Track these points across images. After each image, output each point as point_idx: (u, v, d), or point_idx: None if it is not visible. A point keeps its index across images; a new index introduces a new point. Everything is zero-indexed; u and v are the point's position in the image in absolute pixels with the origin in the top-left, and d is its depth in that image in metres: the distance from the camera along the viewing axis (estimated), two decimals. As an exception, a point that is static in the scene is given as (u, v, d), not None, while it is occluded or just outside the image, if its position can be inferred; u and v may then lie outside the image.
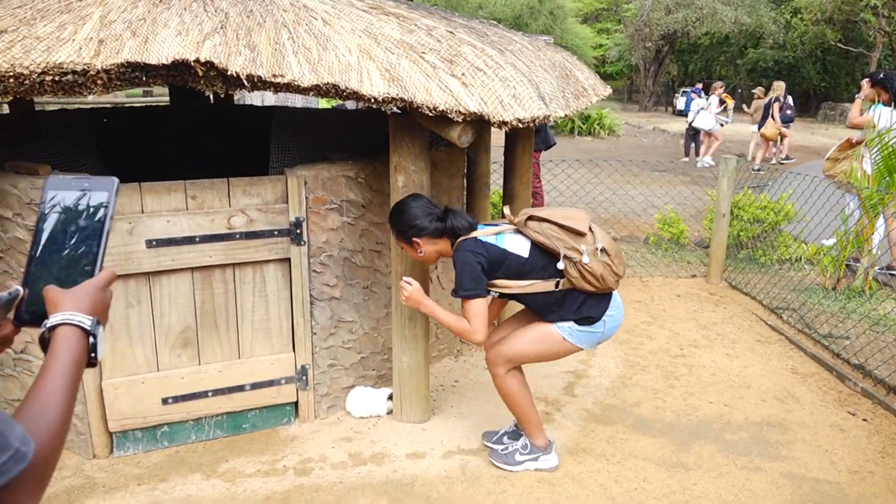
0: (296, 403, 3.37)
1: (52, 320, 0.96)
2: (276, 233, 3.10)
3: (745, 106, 17.15)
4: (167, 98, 5.66)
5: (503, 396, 2.92)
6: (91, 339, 0.97)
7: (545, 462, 2.99)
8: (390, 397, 3.41)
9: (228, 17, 2.74)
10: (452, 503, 2.75)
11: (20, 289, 1.03)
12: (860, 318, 4.66)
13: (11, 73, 2.33)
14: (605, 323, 2.76)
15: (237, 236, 3.02)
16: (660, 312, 4.89)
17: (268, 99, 14.88)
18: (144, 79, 2.54)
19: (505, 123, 2.86)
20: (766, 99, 14.77)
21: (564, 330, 2.75)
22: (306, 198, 3.14)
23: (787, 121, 15.07)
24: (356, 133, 4.47)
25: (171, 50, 2.48)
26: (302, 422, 3.37)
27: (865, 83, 5.83)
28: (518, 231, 2.79)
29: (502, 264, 2.69)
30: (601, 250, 2.64)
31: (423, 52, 2.92)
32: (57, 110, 5.34)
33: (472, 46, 3.08)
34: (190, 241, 2.95)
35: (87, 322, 0.97)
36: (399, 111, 2.88)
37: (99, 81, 2.46)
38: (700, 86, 18.90)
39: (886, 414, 3.50)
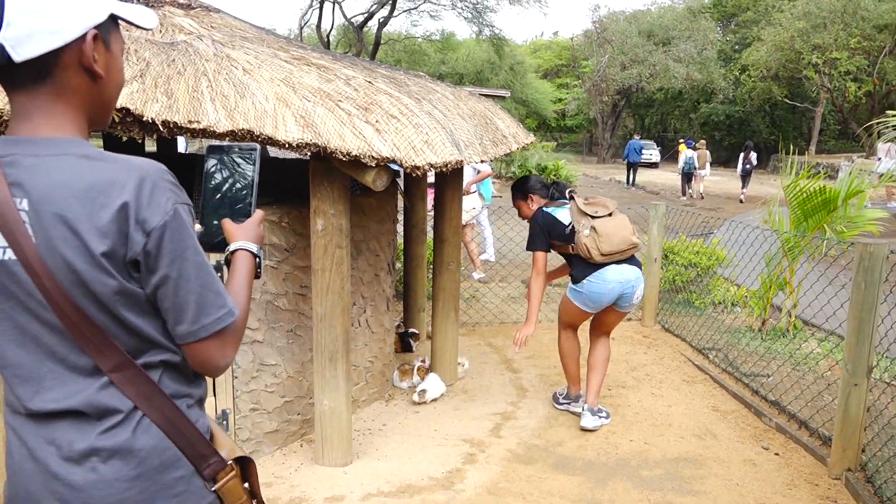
0: (216, 448, 3.33)
1: (231, 247, 1.35)
2: (195, 276, 3.12)
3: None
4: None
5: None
6: (257, 259, 1.35)
7: (577, 408, 4.00)
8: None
9: (150, 66, 2.82)
10: (364, 544, 2.75)
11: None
12: (783, 357, 4.80)
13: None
14: (583, 285, 3.68)
15: (156, 279, 3.04)
16: (593, 355, 4.96)
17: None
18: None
19: (417, 168, 2.96)
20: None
21: (567, 291, 3.82)
22: (227, 241, 3.18)
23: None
24: (287, 180, 4.55)
25: (87, 96, 2.55)
26: (222, 467, 3.33)
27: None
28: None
29: (554, 230, 3.75)
30: (592, 228, 3.57)
31: (340, 100, 3.03)
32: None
33: (389, 95, 3.21)
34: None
35: (254, 248, 1.35)
36: (316, 156, 2.97)
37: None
38: (638, 139, 21.07)
39: (797, 447, 3.59)
